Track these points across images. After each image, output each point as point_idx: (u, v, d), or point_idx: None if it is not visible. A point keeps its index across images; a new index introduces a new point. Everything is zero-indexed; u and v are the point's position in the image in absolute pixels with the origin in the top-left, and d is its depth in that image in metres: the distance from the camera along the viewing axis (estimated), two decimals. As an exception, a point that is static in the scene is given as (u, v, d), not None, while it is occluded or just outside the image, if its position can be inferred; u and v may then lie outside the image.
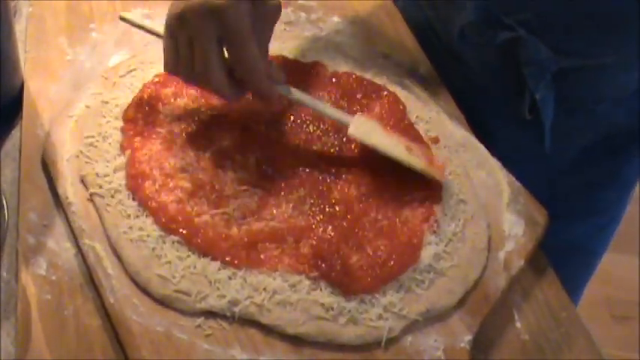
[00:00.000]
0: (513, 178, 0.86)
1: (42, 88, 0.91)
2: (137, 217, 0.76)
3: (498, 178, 0.86)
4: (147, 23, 0.90)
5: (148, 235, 0.74)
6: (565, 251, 0.90)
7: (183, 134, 0.84)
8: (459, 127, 0.92)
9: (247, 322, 0.70)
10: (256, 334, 0.70)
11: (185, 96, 0.88)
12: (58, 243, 0.76)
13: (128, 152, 0.81)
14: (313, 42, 1.01)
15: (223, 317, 0.70)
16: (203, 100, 0.88)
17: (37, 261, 0.74)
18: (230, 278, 0.72)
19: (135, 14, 0.96)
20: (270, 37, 0.83)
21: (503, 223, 0.82)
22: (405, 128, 0.89)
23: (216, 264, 0.73)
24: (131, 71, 0.91)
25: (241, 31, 0.76)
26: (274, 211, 0.78)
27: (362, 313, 0.71)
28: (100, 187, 0.78)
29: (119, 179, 0.79)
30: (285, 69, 0.93)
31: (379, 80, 0.95)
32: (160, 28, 0.81)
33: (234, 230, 0.75)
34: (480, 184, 0.85)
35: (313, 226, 0.77)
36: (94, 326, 0.70)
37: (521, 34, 0.92)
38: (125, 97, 0.88)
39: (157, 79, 0.89)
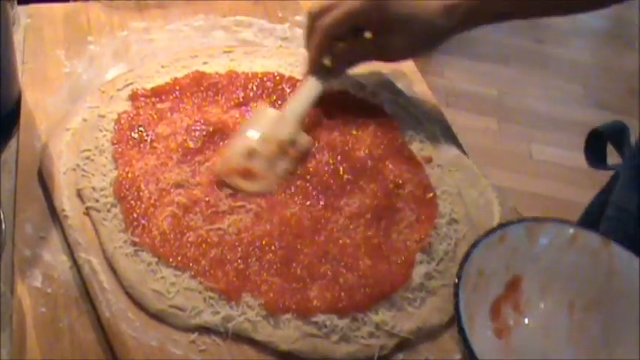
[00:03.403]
0: (505, 198, 0.87)
1: (39, 100, 0.92)
2: (133, 231, 0.77)
3: (490, 197, 0.87)
4: None
5: (143, 250, 0.75)
6: None
7: (179, 149, 0.84)
8: (452, 147, 0.93)
9: (241, 338, 0.71)
10: (249, 350, 0.70)
11: (181, 111, 0.89)
12: (54, 255, 0.76)
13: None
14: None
15: (217, 333, 0.71)
16: (199, 115, 0.88)
17: (33, 273, 0.74)
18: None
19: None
20: None
21: (494, 242, 0.83)
22: (399, 147, 0.90)
23: (211, 280, 0.74)
24: (128, 85, 0.92)
25: None
26: (268, 228, 0.79)
27: (354, 330, 0.72)
28: (97, 200, 0.79)
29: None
30: (280, 85, 0.94)
31: (374, 99, 0.96)
32: None
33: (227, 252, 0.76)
34: (471, 203, 0.86)
35: (307, 243, 0.78)
36: (88, 339, 0.70)
37: None
38: (122, 111, 0.88)
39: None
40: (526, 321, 0.73)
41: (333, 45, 0.93)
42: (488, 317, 0.72)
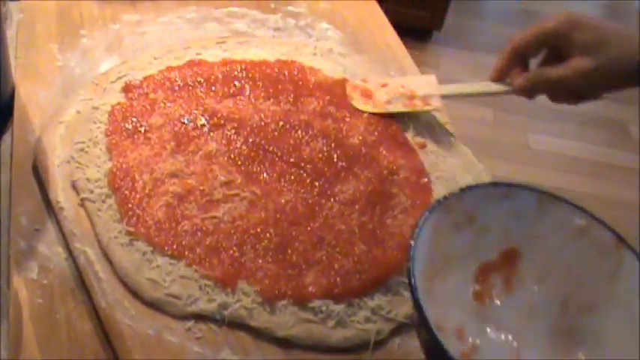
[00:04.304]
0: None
1: (32, 94, 0.92)
2: (128, 221, 0.77)
3: (484, 182, 0.87)
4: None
5: (138, 240, 0.75)
6: None
7: (173, 140, 0.84)
8: (446, 132, 0.93)
9: (237, 325, 0.71)
10: (246, 336, 0.71)
11: (174, 102, 0.89)
12: (50, 247, 0.77)
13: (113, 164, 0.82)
14: (302, 48, 1.02)
15: (213, 320, 0.71)
16: (193, 106, 0.88)
17: (29, 265, 0.74)
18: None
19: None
20: None
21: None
22: (393, 133, 0.90)
23: (206, 268, 0.74)
24: (121, 77, 0.92)
25: None
26: (263, 215, 0.79)
27: (350, 316, 0.72)
28: (91, 191, 0.79)
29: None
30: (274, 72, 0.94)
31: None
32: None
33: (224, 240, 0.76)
34: (466, 188, 0.86)
35: (302, 230, 0.78)
36: (85, 330, 0.71)
37: None
38: (115, 102, 0.88)
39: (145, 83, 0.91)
40: (513, 298, 0.70)
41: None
42: (472, 275, 0.70)
